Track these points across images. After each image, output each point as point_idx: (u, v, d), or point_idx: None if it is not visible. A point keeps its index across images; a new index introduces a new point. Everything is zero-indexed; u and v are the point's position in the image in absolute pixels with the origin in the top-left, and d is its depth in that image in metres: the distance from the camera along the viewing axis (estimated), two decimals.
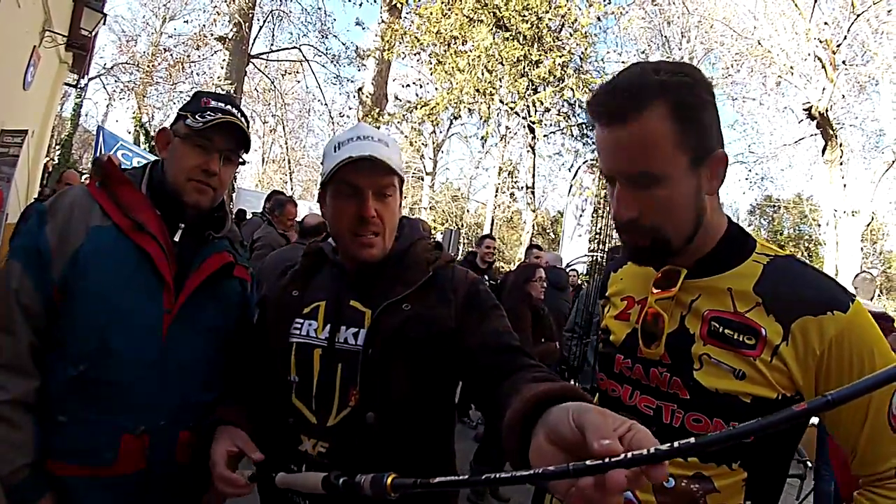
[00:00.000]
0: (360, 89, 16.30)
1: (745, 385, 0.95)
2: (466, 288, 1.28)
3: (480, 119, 14.18)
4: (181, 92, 19.91)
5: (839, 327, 0.91)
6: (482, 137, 15.42)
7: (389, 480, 0.71)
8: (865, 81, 13.58)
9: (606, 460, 0.49)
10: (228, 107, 1.40)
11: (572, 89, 11.46)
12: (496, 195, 20.53)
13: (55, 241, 1.26)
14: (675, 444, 0.47)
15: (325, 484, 0.86)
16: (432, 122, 14.71)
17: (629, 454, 0.49)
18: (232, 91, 13.18)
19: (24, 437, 1.20)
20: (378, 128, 8.83)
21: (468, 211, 31.38)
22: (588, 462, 0.50)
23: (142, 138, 15.86)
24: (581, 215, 14.11)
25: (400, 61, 16.03)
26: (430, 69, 13.46)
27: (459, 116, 14.57)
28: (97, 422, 1.24)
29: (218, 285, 1.41)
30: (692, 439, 0.46)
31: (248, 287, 1.55)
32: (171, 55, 18.63)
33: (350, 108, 19.25)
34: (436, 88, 14.32)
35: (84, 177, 7.52)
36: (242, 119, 1.41)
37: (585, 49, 11.86)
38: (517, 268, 5.42)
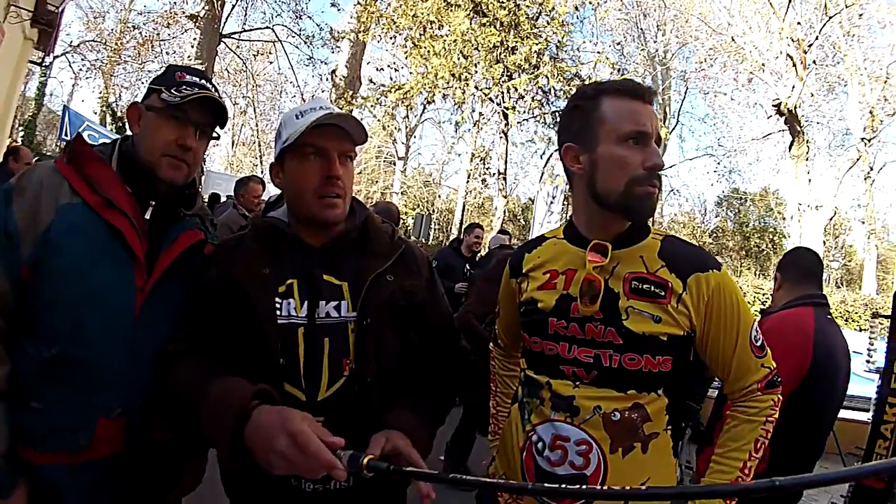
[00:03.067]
0: (333, 71, 16.09)
1: (661, 327, 1.22)
2: (427, 264, 1.44)
3: (454, 105, 14.12)
4: (150, 71, 19.16)
5: (717, 280, 1.24)
6: (456, 123, 15.34)
7: (365, 461, 0.83)
8: (834, 82, 13.90)
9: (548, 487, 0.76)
10: (203, 81, 1.38)
11: (547, 77, 11.44)
12: (468, 181, 20.51)
13: (23, 221, 1.22)
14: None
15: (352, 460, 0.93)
16: (406, 106, 14.58)
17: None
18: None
19: None
20: (351, 111, 8.65)
21: (440, 196, 31.33)
22: (546, 485, 0.75)
23: (108, 119, 15.36)
24: (552, 202, 14.22)
25: (375, 44, 15.82)
26: (406, 53, 13.31)
27: (433, 101, 14.46)
28: (71, 405, 1.22)
29: (189, 263, 1.36)
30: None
31: None
32: (140, 33, 17.88)
33: (323, 91, 18.97)
34: (410, 72, 14.19)
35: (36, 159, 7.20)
36: (217, 94, 1.39)
37: (562, 38, 11.83)
38: (498, 252, 5.38)
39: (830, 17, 10.20)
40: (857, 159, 10.91)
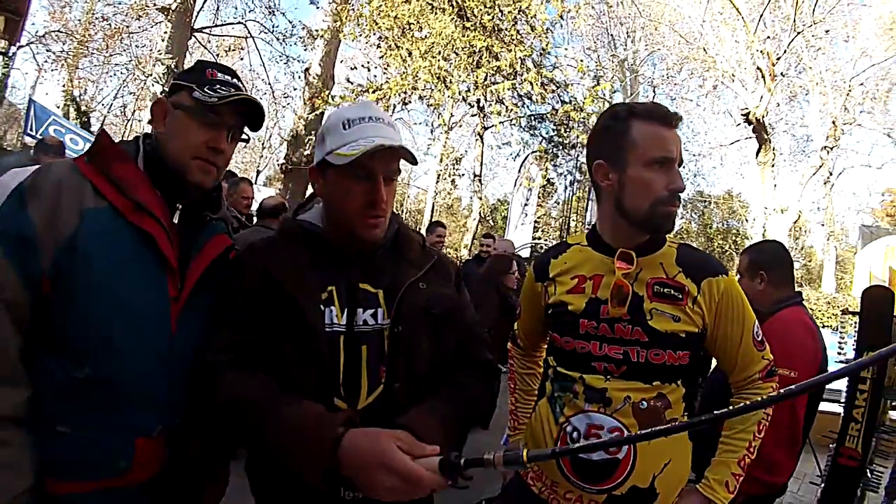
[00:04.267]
0: (307, 70, 15.85)
1: (680, 325, 1.40)
2: (456, 272, 1.47)
3: (429, 107, 14.10)
4: (117, 65, 18.49)
5: (726, 285, 1.43)
6: (436, 125, 15.33)
7: (525, 453, 0.88)
8: (797, 91, 14.54)
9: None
10: (235, 80, 1.32)
11: (531, 83, 11.58)
12: (437, 181, 20.55)
13: (42, 225, 1.10)
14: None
15: (446, 465, 0.96)
16: (384, 107, 14.50)
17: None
18: (173, 66, 12.49)
19: (19, 457, 1.05)
20: (323, 112, 8.56)
21: (409, 196, 31.24)
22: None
23: (72, 113, 14.77)
24: (526, 204, 14.42)
25: (348, 43, 15.68)
26: (383, 53, 13.23)
27: (409, 102, 14.43)
28: (106, 427, 1.13)
29: (218, 270, 1.30)
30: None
31: None
32: (109, 24, 17.08)
33: (295, 89, 18.63)
34: (384, 72, 14.10)
35: None
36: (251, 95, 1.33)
37: (546, 45, 12.01)
38: (490, 258, 5.52)
39: (799, 33, 10.74)
40: (820, 166, 11.50)
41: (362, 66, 15.87)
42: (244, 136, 1.38)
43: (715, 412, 0.75)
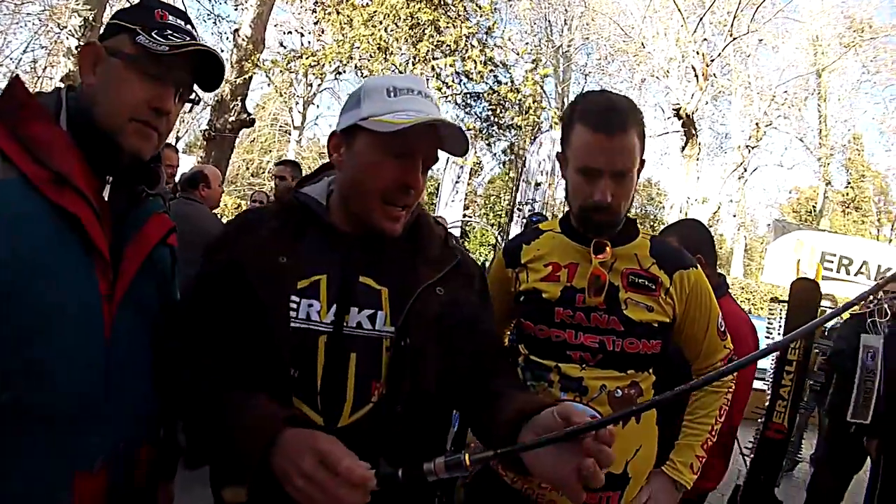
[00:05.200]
0: (236, 31, 14.99)
1: (654, 315, 1.43)
2: (479, 273, 1.24)
3: (364, 79, 13.68)
4: (28, 14, 16.51)
5: (696, 277, 1.48)
6: None
7: (467, 457, 0.76)
8: (719, 92, 15.47)
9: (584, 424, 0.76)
10: (190, 27, 1.06)
11: (475, 61, 11.51)
12: None
13: None
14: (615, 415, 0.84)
15: (381, 478, 0.78)
16: (316, 74, 13.96)
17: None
18: (90, 18, 11.39)
19: None
20: (251, 76, 8.12)
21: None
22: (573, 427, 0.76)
23: None
24: (457, 182, 14.49)
25: (283, 6, 14.99)
26: (321, 18, 12.72)
27: (344, 72, 14.00)
28: (41, 459, 0.90)
29: (156, 257, 1.09)
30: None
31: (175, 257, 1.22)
32: None
33: (223, 51, 17.61)
34: (318, 39, 13.59)
35: None
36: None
37: (492, 24, 11.97)
38: None
39: (734, 38, 11.42)
40: (741, 163, 12.35)
41: (296, 30, 15.22)
42: (193, 97, 1.10)
43: (675, 388, 0.75)
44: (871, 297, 3.53)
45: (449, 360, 1.07)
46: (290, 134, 26.28)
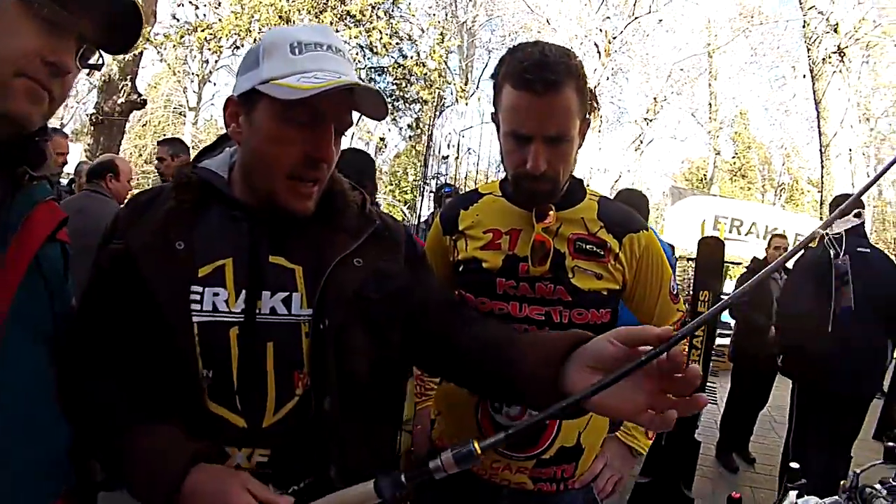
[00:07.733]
0: None
1: (602, 283, 1.34)
2: (406, 238, 1.13)
3: None
4: None
5: (647, 240, 1.38)
6: None
7: (477, 445, 0.69)
8: (619, 68, 16.33)
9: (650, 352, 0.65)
10: None
11: (380, 32, 11.24)
12: None
13: None
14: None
15: (382, 488, 0.72)
16: (213, 49, 13.12)
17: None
18: None
19: None
20: (142, 53, 7.48)
21: None
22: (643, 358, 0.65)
23: None
24: None
25: None
26: None
27: (242, 46, 13.25)
28: None
29: (44, 257, 0.86)
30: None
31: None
32: None
33: None
34: (214, 11, 12.80)
35: None
36: None
37: None
38: None
39: (636, 18, 11.95)
40: (639, 136, 13.07)
41: (189, 2, 14.18)
42: (96, 61, 0.86)
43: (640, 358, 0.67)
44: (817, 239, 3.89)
45: (380, 340, 0.98)
46: (185, 116, 24.62)
